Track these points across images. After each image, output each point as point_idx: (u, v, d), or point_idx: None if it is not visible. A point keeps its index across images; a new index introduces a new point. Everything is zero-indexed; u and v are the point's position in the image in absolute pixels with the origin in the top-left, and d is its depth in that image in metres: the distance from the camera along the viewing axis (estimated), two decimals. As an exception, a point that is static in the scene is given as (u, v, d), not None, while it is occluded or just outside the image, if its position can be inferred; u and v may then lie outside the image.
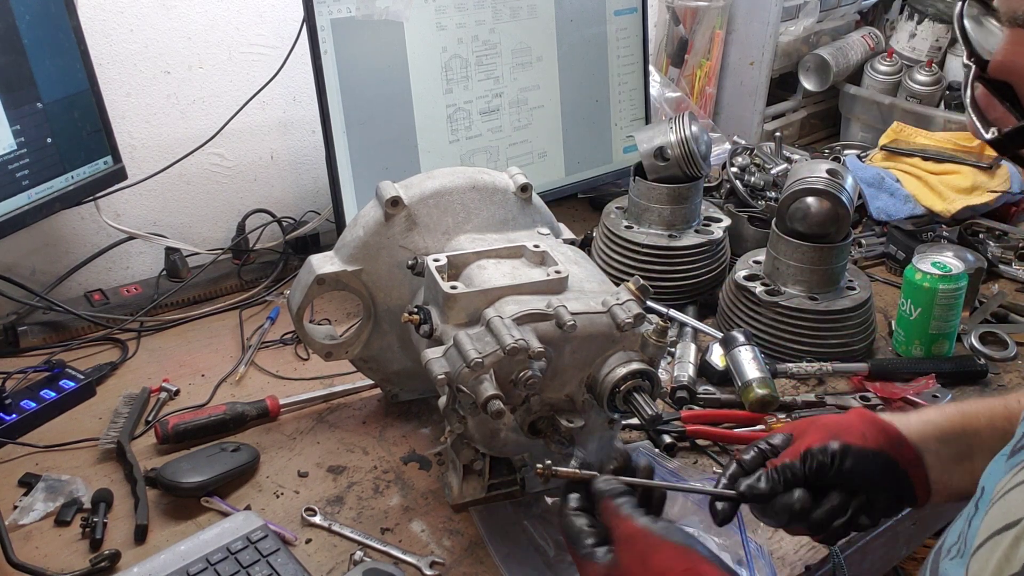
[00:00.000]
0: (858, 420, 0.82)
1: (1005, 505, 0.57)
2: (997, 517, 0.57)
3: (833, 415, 0.86)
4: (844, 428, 0.81)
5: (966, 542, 0.63)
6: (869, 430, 0.81)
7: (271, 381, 1.25)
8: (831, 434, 0.81)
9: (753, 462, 0.83)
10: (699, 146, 1.38)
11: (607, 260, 1.43)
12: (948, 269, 1.26)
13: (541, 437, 0.93)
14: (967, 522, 0.65)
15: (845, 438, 0.80)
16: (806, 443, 0.81)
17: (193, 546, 0.91)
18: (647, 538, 0.70)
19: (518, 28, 1.54)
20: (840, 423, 0.82)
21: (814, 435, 0.81)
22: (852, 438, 0.80)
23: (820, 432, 0.81)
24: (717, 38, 1.93)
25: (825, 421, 0.83)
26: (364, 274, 1.06)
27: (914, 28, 2.05)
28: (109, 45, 1.34)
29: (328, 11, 1.32)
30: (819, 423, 0.83)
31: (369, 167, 1.42)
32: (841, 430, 0.81)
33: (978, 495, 0.67)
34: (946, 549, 0.68)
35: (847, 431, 0.81)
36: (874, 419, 0.82)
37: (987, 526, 0.57)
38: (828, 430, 0.81)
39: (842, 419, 0.83)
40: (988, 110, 0.64)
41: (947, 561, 0.66)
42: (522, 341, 0.84)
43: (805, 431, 0.83)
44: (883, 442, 0.80)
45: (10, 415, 1.12)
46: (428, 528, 0.99)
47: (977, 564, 0.57)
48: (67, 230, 1.39)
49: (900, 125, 1.86)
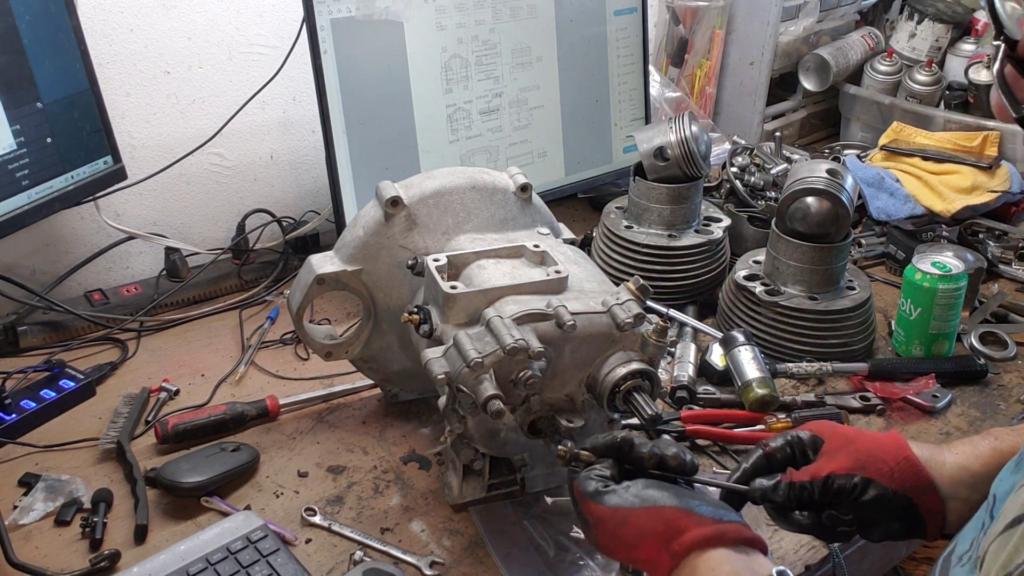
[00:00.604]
0: (892, 455, 0.79)
1: (1012, 504, 0.57)
2: (1008, 514, 0.57)
3: (866, 435, 0.82)
4: (874, 461, 0.79)
5: (979, 551, 0.63)
6: (899, 469, 0.78)
7: (271, 381, 1.25)
8: (859, 464, 0.79)
9: (780, 458, 0.83)
10: (699, 146, 1.38)
11: (607, 260, 1.43)
12: (948, 269, 1.26)
13: (541, 437, 0.93)
14: (983, 532, 0.65)
15: (871, 472, 0.78)
16: (832, 466, 0.79)
17: (193, 546, 0.91)
18: (613, 515, 0.72)
19: (518, 28, 1.54)
20: (872, 453, 0.80)
21: (843, 460, 0.79)
22: (879, 475, 0.78)
23: (848, 459, 0.79)
24: (717, 38, 1.93)
25: (859, 446, 0.81)
26: (364, 274, 1.06)
27: (914, 28, 2.05)
28: (109, 45, 1.34)
29: (328, 11, 1.32)
30: (853, 447, 0.80)
31: (369, 167, 1.42)
32: (870, 462, 0.79)
33: (991, 503, 0.67)
34: (957, 556, 0.67)
35: (876, 465, 0.79)
36: (909, 457, 0.79)
37: (996, 527, 0.58)
38: (858, 459, 0.79)
39: (876, 447, 0.80)
40: (1017, 89, 0.64)
41: (958, 568, 0.66)
42: (522, 341, 0.84)
43: (835, 451, 0.81)
44: (909, 486, 0.78)
45: (10, 415, 1.12)
46: (428, 528, 0.99)
47: (989, 560, 0.57)
48: (67, 230, 1.39)
49: (900, 125, 1.86)
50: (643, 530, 0.70)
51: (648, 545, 0.70)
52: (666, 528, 0.69)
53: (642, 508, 0.71)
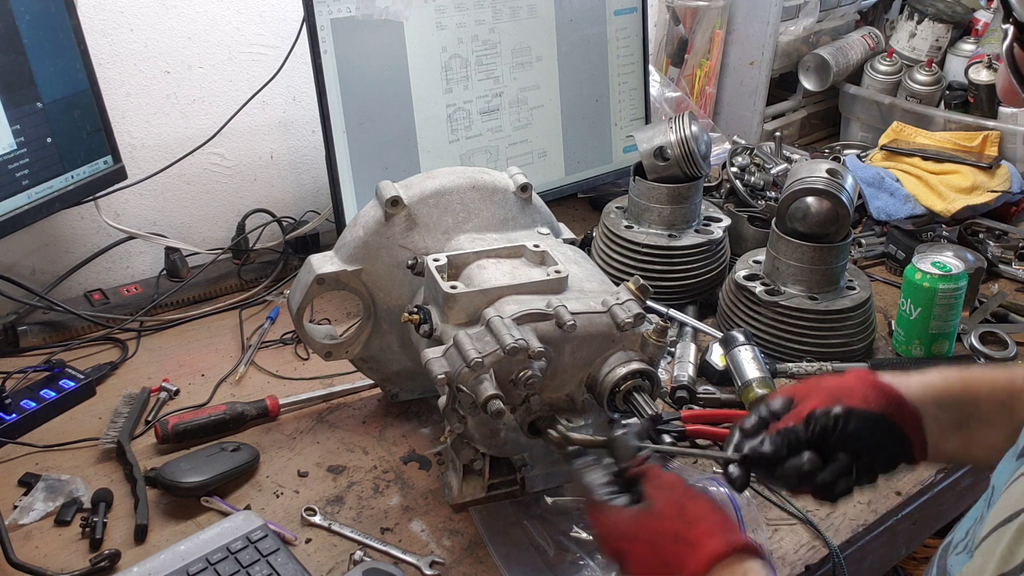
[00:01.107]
0: (859, 383, 0.82)
1: (1008, 497, 0.58)
2: (1001, 509, 0.57)
3: (832, 377, 0.86)
4: (846, 391, 0.81)
5: (975, 539, 0.64)
6: (871, 393, 0.81)
7: (271, 381, 1.25)
8: (833, 398, 0.81)
9: (755, 428, 0.83)
10: (699, 146, 1.38)
11: (607, 260, 1.43)
12: (948, 269, 1.26)
13: (541, 437, 0.93)
14: (980, 522, 0.65)
15: (848, 401, 0.80)
16: (809, 406, 0.81)
17: (193, 546, 0.91)
18: (685, 488, 0.71)
19: (518, 28, 1.54)
20: (841, 386, 0.82)
21: (816, 399, 0.81)
22: (854, 401, 0.80)
23: (822, 396, 0.81)
24: (717, 38, 1.93)
25: (826, 384, 0.83)
26: (364, 274, 1.06)
27: (914, 28, 2.05)
28: (109, 45, 1.34)
29: (328, 11, 1.32)
30: (820, 387, 0.83)
31: (369, 167, 1.42)
32: (843, 393, 0.81)
33: (989, 493, 0.68)
34: (954, 545, 0.68)
35: (849, 394, 0.81)
36: (874, 381, 0.82)
37: (992, 518, 0.58)
38: (830, 394, 0.81)
39: (842, 382, 0.83)
40: None
41: (954, 556, 0.66)
42: (522, 341, 0.84)
43: (807, 395, 0.83)
44: (884, 404, 0.81)
45: (10, 415, 1.12)
46: (428, 528, 1.00)
47: (981, 556, 0.57)
48: (67, 230, 1.39)
49: (900, 125, 1.86)
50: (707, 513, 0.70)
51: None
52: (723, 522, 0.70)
53: (705, 496, 0.71)
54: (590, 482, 0.74)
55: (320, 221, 1.53)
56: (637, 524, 0.70)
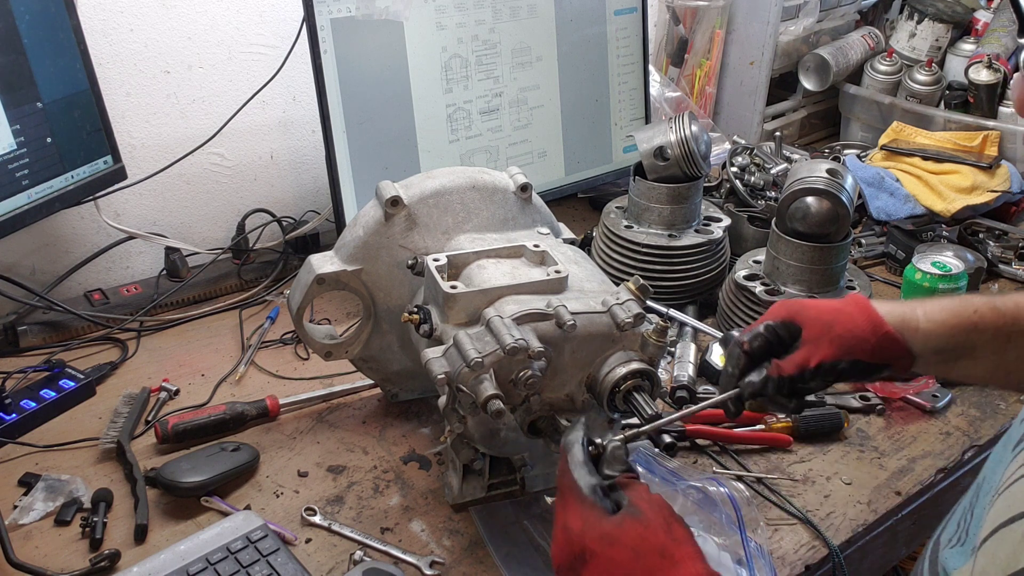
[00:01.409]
0: (871, 331, 0.83)
1: (1011, 497, 0.57)
2: (1002, 510, 0.57)
3: (840, 316, 0.85)
4: (857, 343, 0.83)
5: (967, 532, 0.64)
6: (879, 345, 0.83)
7: (271, 381, 1.25)
8: (845, 350, 0.83)
9: (758, 353, 0.87)
10: (699, 146, 1.38)
11: (607, 260, 1.43)
12: (948, 269, 1.26)
13: (541, 437, 0.93)
14: (969, 512, 0.66)
15: (857, 354, 0.83)
16: (820, 355, 0.83)
17: (193, 546, 0.91)
18: (671, 508, 0.70)
19: (518, 28, 1.54)
20: (853, 334, 0.83)
21: (828, 348, 0.83)
22: (863, 355, 0.83)
23: (834, 346, 0.83)
24: (717, 38, 1.93)
25: (839, 331, 0.84)
26: (364, 274, 1.06)
27: (914, 28, 2.05)
28: (109, 45, 1.34)
29: (328, 11, 1.32)
30: (834, 333, 0.84)
31: (369, 167, 1.42)
32: (854, 344, 0.83)
33: (980, 482, 0.68)
34: (945, 540, 0.69)
35: (860, 346, 0.83)
36: (888, 333, 0.83)
37: (992, 518, 0.58)
38: (842, 344, 0.83)
39: (854, 327, 0.84)
40: None
41: (947, 551, 0.66)
42: (522, 341, 0.84)
43: (817, 340, 0.84)
44: (889, 356, 0.83)
45: (10, 415, 1.12)
46: (428, 528, 1.00)
47: (985, 558, 0.57)
48: (67, 230, 1.39)
49: (900, 125, 1.86)
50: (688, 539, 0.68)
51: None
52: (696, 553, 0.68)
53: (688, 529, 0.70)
54: (577, 479, 0.70)
55: (320, 221, 1.53)
56: (623, 528, 0.66)
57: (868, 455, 1.13)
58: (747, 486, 1.05)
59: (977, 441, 1.16)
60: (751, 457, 1.12)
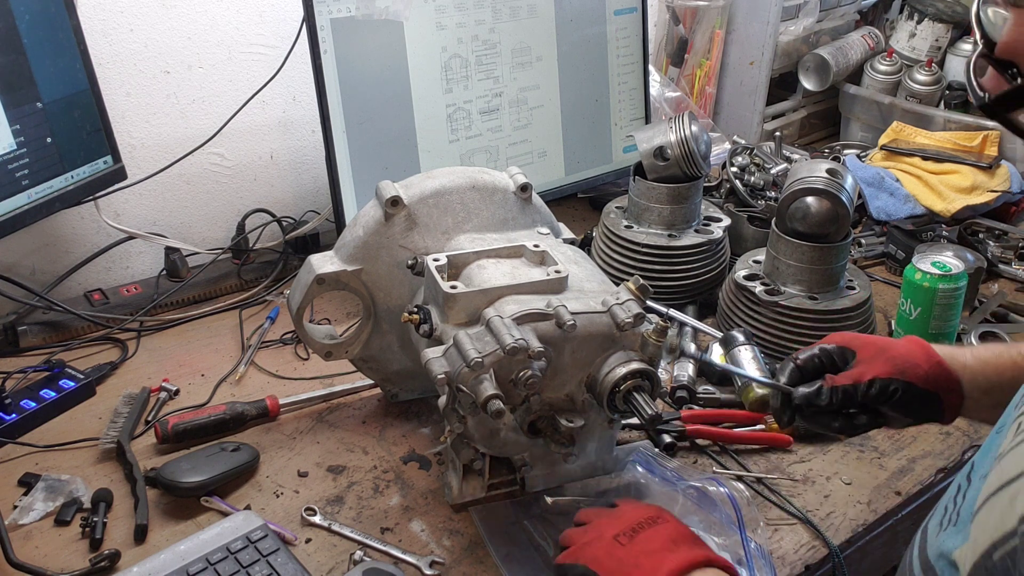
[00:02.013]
0: (923, 358, 0.87)
1: (1000, 468, 0.59)
2: (993, 482, 0.59)
3: (896, 343, 0.90)
4: (911, 365, 0.87)
5: (959, 513, 0.66)
6: (932, 372, 0.87)
7: (271, 381, 1.25)
8: (898, 369, 0.87)
9: (811, 369, 0.90)
10: (699, 146, 1.38)
11: (607, 260, 1.43)
12: (948, 269, 1.26)
13: (541, 437, 0.93)
14: (961, 495, 0.68)
15: (910, 376, 0.86)
16: (873, 371, 0.87)
17: (193, 546, 0.91)
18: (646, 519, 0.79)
19: (518, 28, 1.54)
20: (907, 358, 0.87)
21: (883, 366, 0.87)
22: (916, 379, 0.86)
23: (887, 365, 0.87)
24: (717, 38, 1.93)
25: (893, 353, 0.88)
26: (364, 274, 1.06)
27: (914, 28, 2.05)
28: (109, 45, 1.34)
29: (328, 11, 1.32)
30: (889, 354, 0.88)
31: (369, 167, 1.42)
32: (908, 367, 0.87)
33: (968, 469, 0.70)
34: (934, 526, 0.70)
35: (913, 369, 0.87)
36: (940, 362, 0.87)
37: (985, 491, 0.60)
38: (896, 365, 0.87)
39: (908, 352, 0.88)
40: (985, 81, 0.71)
41: (940, 535, 0.68)
42: (522, 341, 0.84)
43: (872, 359, 0.88)
44: (940, 386, 0.87)
45: (10, 415, 1.12)
46: (428, 528, 1.00)
47: (977, 528, 0.59)
48: (67, 230, 1.39)
49: (900, 125, 1.86)
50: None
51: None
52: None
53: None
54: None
55: (320, 221, 1.53)
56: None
57: (868, 455, 1.13)
58: (747, 486, 1.05)
59: (977, 441, 1.16)
60: (751, 457, 1.12)
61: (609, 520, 0.80)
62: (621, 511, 0.82)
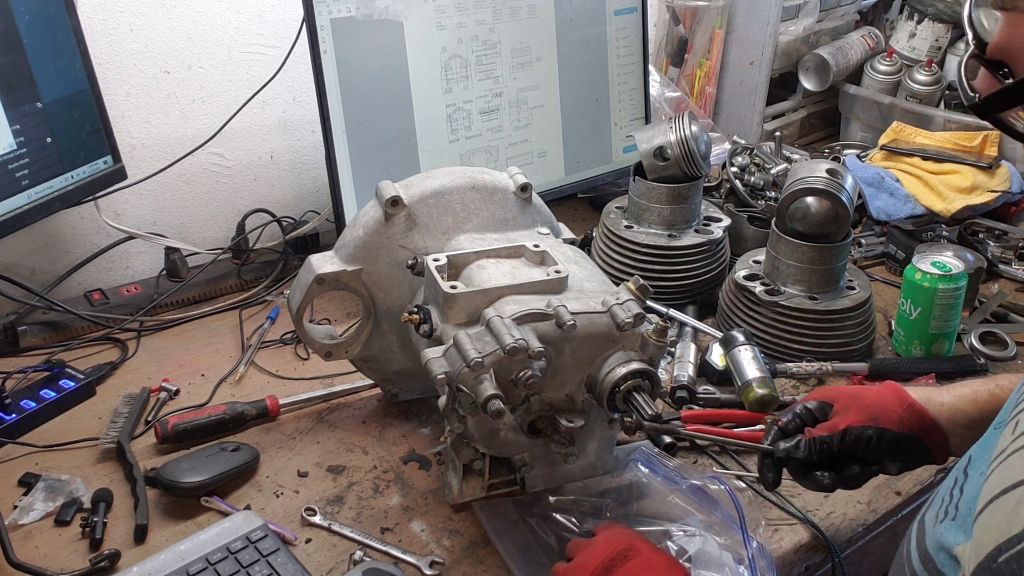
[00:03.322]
0: (896, 403, 0.89)
1: (1005, 470, 0.59)
2: (996, 483, 0.59)
3: (869, 390, 0.92)
4: (882, 412, 0.89)
5: (957, 507, 0.67)
6: (906, 416, 0.89)
7: (271, 381, 1.25)
8: (870, 416, 0.89)
9: (793, 427, 0.93)
10: (699, 146, 1.38)
11: (607, 260, 1.43)
12: (948, 269, 1.26)
13: (541, 437, 0.93)
14: (958, 488, 0.68)
15: (883, 423, 0.88)
16: (847, 421, 0.89)
17: (193, 546, 0.91)
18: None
19: (518, 28, 1.54)
20: (878, 404, 0.89)
21: (855, 415, 0.89)
22: (889, 423, 0.88)
23: (860, 413, 0.89)
24: (717, 38, 1.93)
25: (866, 402, 0.90)
26: (364, 274, 1.06)
27: (914, 28, 2.05)
28: (109, 45, 1.34)
29: (328, 11, 1.32)
30: (858, 403, 0.90)
31: (369, 167, 1.42)
32: (880, 413, 0.89)
33: (965, 462, 0.71)
34: (931, 518, 0.71)
35: (885, 415, 0.89)
36: (911, 404, 0.89)
37: (987, 492, 0.60)
38: (868, 412, 0.89)
39: (879, 398, 0.90)
40: (976, 81, 0.71)
41: (940, 526, 0.68)
42: (522, 341, 0.84)
43: (846, 409, 0.90)
44: (916, 428, 0.88)
45: (10, 415, 1.12)
46: (428, 528, 0.99)
47: (980, 530, 0.59)
48: (67, 230, 1.39)
49: (900, 125, 1.86)
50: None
51: None
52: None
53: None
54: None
55: (320, 221, 1.53)
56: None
57: (868, 455, 1.13)
58: (747, 486, 1.05)
59: (977, 441, 1.16)
60: (751, 457, 1.12)
61: (584, 557, 0.82)
62: (595, 545, 0.83)
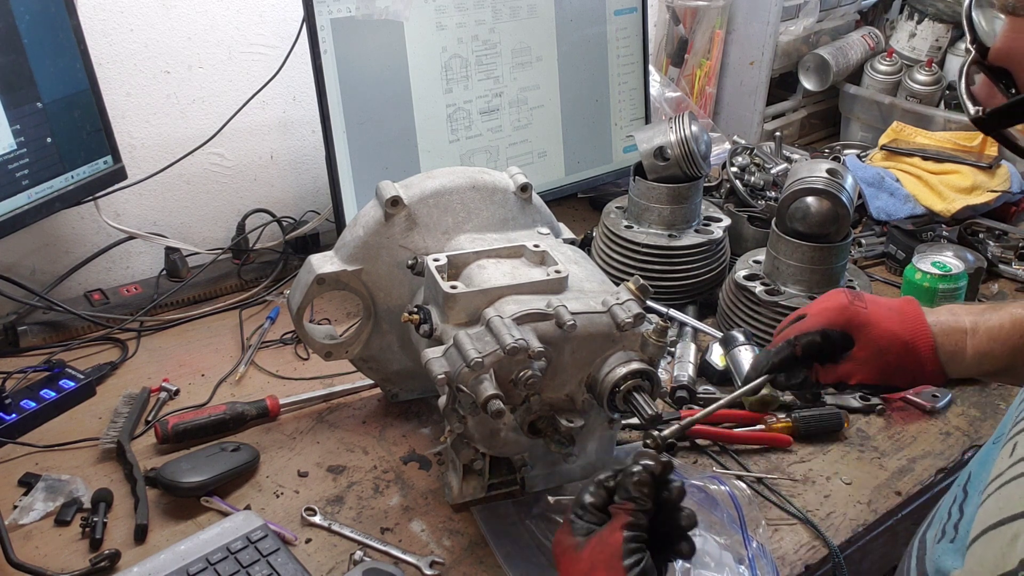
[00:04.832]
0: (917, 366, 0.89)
1: (1001, 499, 0.57)
2: (992, 511, 0.57)
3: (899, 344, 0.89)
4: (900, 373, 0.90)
5: (956, 529, 0.65)
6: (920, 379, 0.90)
7: (271, 381, 1.25)
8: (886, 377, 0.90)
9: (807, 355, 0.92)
10: (699, 146, 1.38)
11: (607, 260, 1.43)
12: (948, 269, 1.26)
13: (541, 437, 0.93)
14: (957, 508, 0.67)
15: (895, 382, 0.91)
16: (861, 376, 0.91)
17: (193, 546, 0.92)
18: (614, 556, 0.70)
19: (518, 28, 1.54)
20: (900, 367, 0.89)
21: (871, 372, 0.90)
22: (900, 383, 0.92)
23: (877, 372, 0.90)
24: (717, 38, 1.93)
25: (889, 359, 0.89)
26: (364, 274, 1.06)
27: (914, 28, 2.05)
28: (109, 45, 1.34)
29: (328, 11, 1.32)
30: (884, 360, 0.90)
31: (369, 167, 1.42)
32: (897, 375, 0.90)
33: (964, 479, 0.70)
34: (932, 537, 0.70)
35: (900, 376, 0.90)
36: (932, 371, 0.89)
37: (982, 519, 0.58)
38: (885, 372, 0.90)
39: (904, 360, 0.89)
40: (978, 91, 0.69)
41: (939, 547, 0.67)
42: (522, 341, 0.84)
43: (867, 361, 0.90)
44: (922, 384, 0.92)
45: (10, 415, 1.12)
46: (428, 528, 1.00)
47: (973, 559, 0.58)
48: (67, 230, 1.39)
49: (900, 125, 1.86)
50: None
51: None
52: None
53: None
54: (579, 498, 0.73)
55: (320, 221, 1.53)
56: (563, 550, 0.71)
57: (868, 455, 1.13)
58: (747, 486, 1.05)
59: (977, 441, 1.16)
60: (751, 457, 1.12)
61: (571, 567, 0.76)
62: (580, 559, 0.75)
